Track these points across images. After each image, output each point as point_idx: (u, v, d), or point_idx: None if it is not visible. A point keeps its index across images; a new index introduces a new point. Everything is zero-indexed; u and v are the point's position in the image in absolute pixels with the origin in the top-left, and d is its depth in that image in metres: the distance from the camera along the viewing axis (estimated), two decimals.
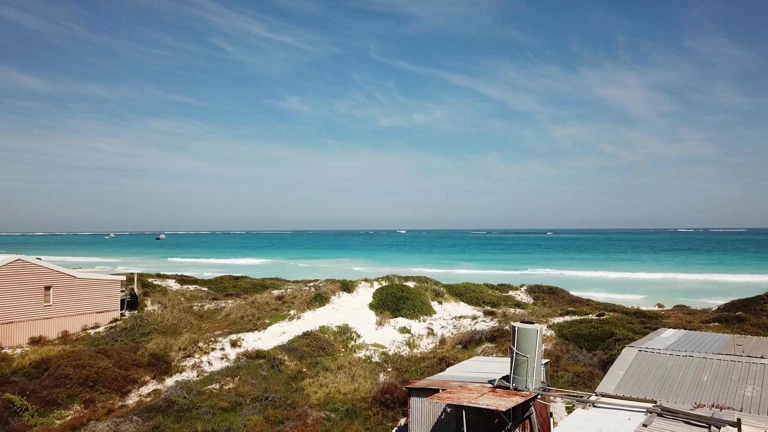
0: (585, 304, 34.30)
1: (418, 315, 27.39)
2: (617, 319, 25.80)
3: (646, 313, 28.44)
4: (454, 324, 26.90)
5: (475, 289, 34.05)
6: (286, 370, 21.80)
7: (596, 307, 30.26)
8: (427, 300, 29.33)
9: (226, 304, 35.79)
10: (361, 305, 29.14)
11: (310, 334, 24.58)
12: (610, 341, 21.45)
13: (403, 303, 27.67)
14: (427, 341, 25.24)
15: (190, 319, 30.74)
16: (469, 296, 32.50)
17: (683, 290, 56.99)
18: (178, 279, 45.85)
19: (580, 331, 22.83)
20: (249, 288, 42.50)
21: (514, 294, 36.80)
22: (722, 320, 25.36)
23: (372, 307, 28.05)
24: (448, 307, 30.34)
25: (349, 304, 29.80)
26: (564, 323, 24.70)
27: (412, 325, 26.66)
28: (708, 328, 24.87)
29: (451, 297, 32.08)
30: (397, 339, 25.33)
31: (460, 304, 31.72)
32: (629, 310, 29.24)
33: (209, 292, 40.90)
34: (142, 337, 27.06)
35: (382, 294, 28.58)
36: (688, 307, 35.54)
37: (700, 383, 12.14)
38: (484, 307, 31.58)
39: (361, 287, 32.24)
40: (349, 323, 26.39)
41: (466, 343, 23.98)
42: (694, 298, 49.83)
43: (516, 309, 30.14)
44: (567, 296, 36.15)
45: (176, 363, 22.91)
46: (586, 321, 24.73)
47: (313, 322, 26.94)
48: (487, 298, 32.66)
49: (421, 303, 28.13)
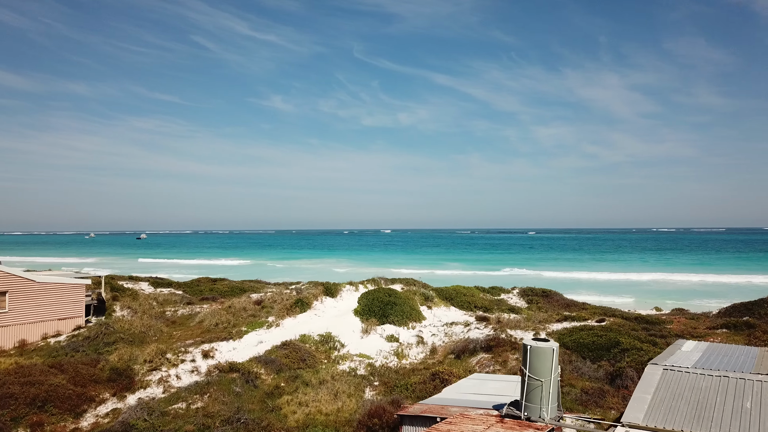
0: (581, 308, 32.68)
1: (406, 321, 25.47)
2: (619, 326, 24.12)
3: (648, 319, 26.83)
4: (445, 331, 25.02)
5: (465, 292, 32.21)
6: (262, 385, 19.70)
7: (594, 311, 28.61)
8: (415, 305, 27.42)
9: (201, 309, 33.56)
10: (345, 311, 27.12)
11: (290, 344, 22.52)
12: (616, 351, 19.72)
13: (390, 309, 25.72)
14: (416, 350, 23.32)
15: (161, 327, 28.45)
16: (459, 300, 30.65)
17: (674, 291, 55.86)
18: (152, 282, 43.42)
19: (583, 340, 21.07)
20: (226, 291, 40.25)
21: (506, 297, 35.04)
22: (730, 327, 23.81)
23: (357, 314, 26.06)
24: (438, 313, 28.45)
25: (332, 309, 27.77)
26: (564, 330, 22.94)
27: (401, 332, 24.73)
28: (716, 335, 23.31)
29: (441, 301, 30.20)
30: (384, 348, 23.37)
31: (451, 308, 29.85)
32: (629, 315, 27.62)
33: (184, 295, 38.56)
34: (106, 347, 24.76)
35: (367, 299, 26.60)
36: (687, 311, 34.10)
37: (744, 411, 10.37)
38: (476, 312, 29.75)
39: (346, 291, 30.21)
40: (332, 331, 24.37)
41: (459, 353, 22.11)
42: (686, 299, 48.63)
43: (510, 314, 28.34)
44: (561, 300, 34.50)
45: (140, 377, 20.70)
46: (587, 328, 23.00)
47: (293, 330, 24.88)
48: (479, 303, 30.86)
49: (409, 308, 26.21)
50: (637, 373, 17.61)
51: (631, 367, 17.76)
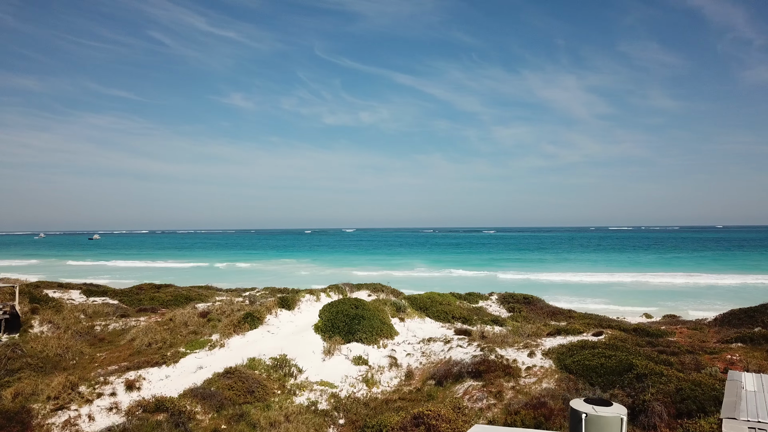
0: (568, 317, 29.52)
1: (376, 338, 21.64)
2: (621, 340, 20.91)
3: (648, 330, 23.74)
4: (422, 350, 21.30)
5: (441, 300, 28.60)
6: (197, 429, 15.55)
7: (587, 322, 25.40)
8: (386, 318, 23.62)
9: (137, 323, 28.98)
10: (304, 327, 23.10)
11: (235, 372, 18.37)
12: (631, 377, 16.43)
13: (357, 323, 21.85)
14: (389, 375, 19.52)
15: (82, 347, 23.82)
16: (435, 310, 27.01)
17: (649, 292, 53.73)
18: (85, 289, 38.35)
19: (588, 362, 17.69)
20: (169, 300, 35.59)
21: (485, 305, 31.62)
22: (745, 340, 20.87)
23: (318, 330, 22.08)
24: (412, 326, 24.72)
25: (288, 325, 23.69)
26: (561, 348, 19.52)
27: (370, 352, 20.88)
28: (731, 350, 20.32)
29: (414, 312, 26.50)
30: (350, 373, 19.48)
31: (426, 320, 26.17)
32: (626, 326, 24.51)
33: (119, 306, 33.76)
34: (7, 376, 20.07)
35: (330, 312, 22.66)
36: (679, 317, 31.40)
37: None
38: (454, 323, 26.15)
39: (305, 302, 26.15)
40: (288, 353, 20.33)
41: (440, 379, 18.42)
42: (665, 301, 46.34)
43: (494, 327, 24.85)
44: (545, 307, 31.30)
45: (40, 420, 16.23)
46: (588, 345, 19.64)
47: (241, 351, 20.71)
48: (457, 312, 27.28)
49: (379, 322, 22.40)
50: (666, 408, 14.33)
51: (658, 400, 14.40)
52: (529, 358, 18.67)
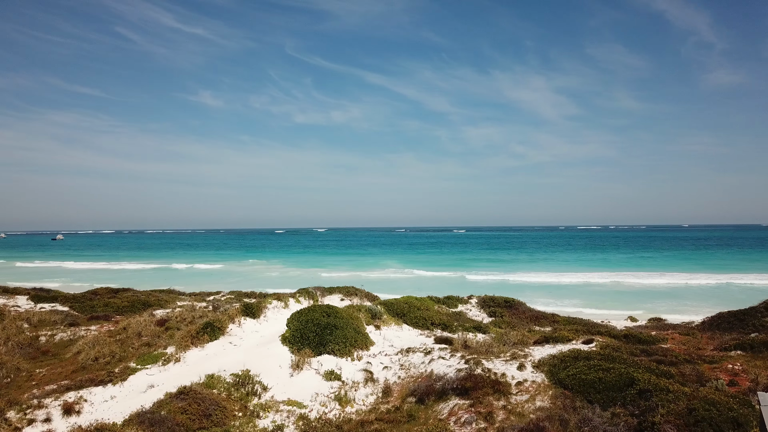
0: (552, 321, 28.05)
1: (350, 350, 19.69)
2: (614, 349, 19.41)
3: (639, 337, 22.35)
4: (400, 362, 19.44)
5: (419, 305, 26.77)
6: None
7: (576, 328, 23.90)
8: (361, 326, 21.69)
9: (87, 332, 26.47)
10: (270, 338, 21.00)
11: (190, 392, 16.19)
12: (633, 393, 14.87)
13: (329, 333, 19.86)
14: (365, 392, 17.60)
15: (19, 362, 21.23)
16: (413, 316, 25.18)
17: (625, 293, 52.99)
18: (33, 295, 35.45)
19: (585, 376, 16.08)
20: (126, 307, 32.96)
21: (464, 309, 29.93)
22: (745, 347, 19.57)
23: (286, 341, 20.02)
24: (388, 334, 22.84)
25: (253, 335, 21.54)
26: (553, 360, 17.88)
27: (343, 366, 18.91)
28: (731, 359, 19.00)
29: (390, 318, 24.62)
30: (321, 390, 17.48)
31: (404, 327, 24.32)
32: (616, 333, 23.08)
33: (69, 313, 31.04)
34: None
35: (300, 321, 20.61)
36: (664, 320, 30.24)
37: None
38: (434, 331, 24.38)
39: (272, 310, 24.00)
40: (252, 368, 18.23)
41: (422, 396, 16.58)
42: (643, 303, 45.51)
43: (476, 334, 23.15)
44: (527, 311, 29.78)
45: None
46: (581, 355, 18.04)
47: (199, 366, 18.53)
48: (436, 318, 25.50)
49: (353, 332, 20.46)
50: (678, 430, 12.77)
51: (669, 422, 12.82)
52: (519, 372, 16.97)
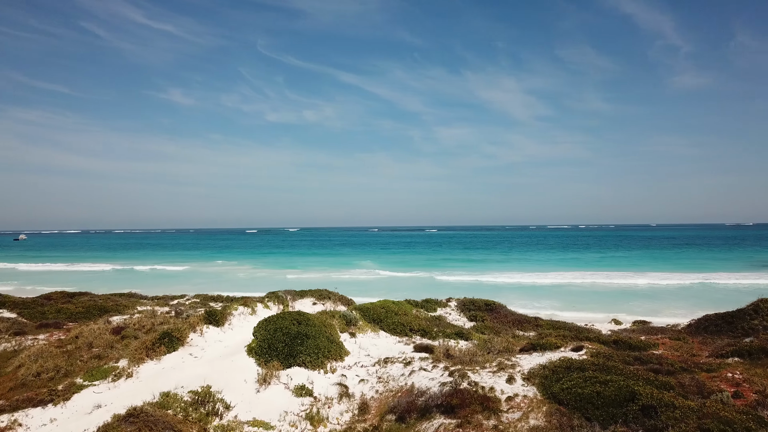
0: (535, 325, 26.81)
1: (323, 362, 18.00)
2: (606, 357, 18.16)
3: (629, 342, 21.19)
4: (378, 374, 17.82)
5: (397, 310, 25.18)
6: None
7: (563, 334, 22.62)
8: (335, 334, 20.01)
9: (35, 342, 24.25)
10: (235, 348, 19.15)
11: (141, 414, 14.28)
12: (635, 409, 13.55)
13: (300, 343, 18.14)
14: (339, 409, 15.94)
15: None
16: (391, 322, 23.57)
17: (604, 293, 52.39)
18: None
19: (581, 389, 14.71)
20: (80, 313, 30.61)
21: (444, 313, 28.48)
22: (742, 354, 18.51)
23: (252, 352, 18.21)
24: (364, 342, 21.21)
25: (216, 346, 19.65)
26: (544, 371, 16.50)
27: (315, 379, 17.21)
28: (729, 367, 17.92)
29: (366, 324, 22.97)
30: (291, 408, 15.76)
31: (380, 334, 22.70)
32: (605, 338, 21.88)
33: (16, 320, 28.61)
34: None
35: (268, 329, 18.84)
36: (649, 323, 29.29)
37: None
38: (413, 337, 22.85)
39: (238, 317, 22.11)
40: (214, 383, 16.40)
41: (402, 413, 15.00)
42: (620, 303, 44.84)
43: (458, 341, 21.68)
44: (509, 314, 28.49)
45: None
46: (574, 365, 16.70)
47: (154, 382, 16.60)
48: (415, 324, 23.96)
49: (326, 341, 18.77)
50: None
51: None
52: (508, 385, 15.52)
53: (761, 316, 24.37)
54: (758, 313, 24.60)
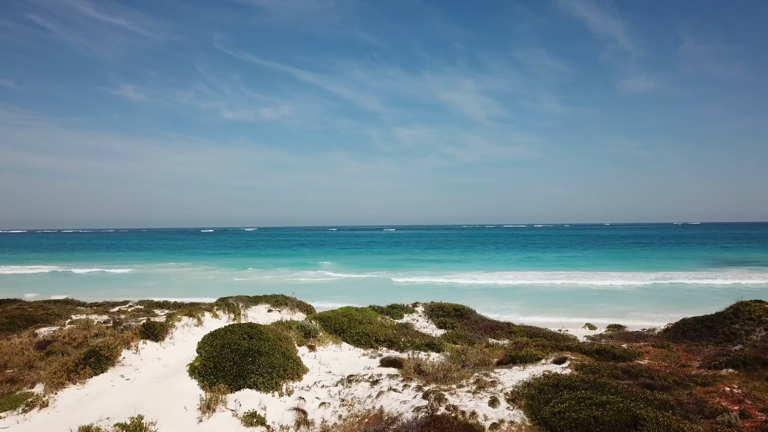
0: (508, 332, 25.10)
1: (277, 382, 15.67)
2: (593, 370, 16.50)
3: (613, 352, 19.65)
4: (341, 395, 15.61)
5: (361, 318, 22.99)
6: None
7: (543, 343, 20.88)
8: (291, 348, 17.69)
9: None
10: (176, 368, 16.59)
11: None
12: None
13: (251, 362, 15.75)
14: None
15: None
16: (354, 332, 21.37)
17: (567, 294, 51.53)
18: None
19: (575, 413, 12.89)
20: (3, 324, 27.17)
21: (411, 320, 26.47)
22: (737, 365, 17.16)
23: (195, 373, 15.72)
24: (325, 356, 18.96)
25: (154, 365, 17.02)
26: (529, 390, 14.64)
27: (268, 404, 14.86)
28: (725, 380, 16.52)
29: (327, 336, 20.72)
30: None
31: (343, 347, 20.47)
32: (586, 348, 20.28)
33: None
34: None
35: (214, 345, 16.36)
36: (623, 327, 28.03)
37: None
38: (379, 349, 20.71)
39: (180, 330, 19.48)
40: (148, 413, 13.85)
41: None
42: (585, 304, 43.91)
43: (429, 353, 19.67)
44: (479, 320, 26.72)
45: None
46: (562, 382, 14.91)
47: (73, 414, 13.92)
48: (381, 333, 21.82)
49: (282, 357, 16.44)
50: None
51: None
52: (492, 409, 13.57)
53: (742, 320, 23.34)
54: (738, 317, 23.58)
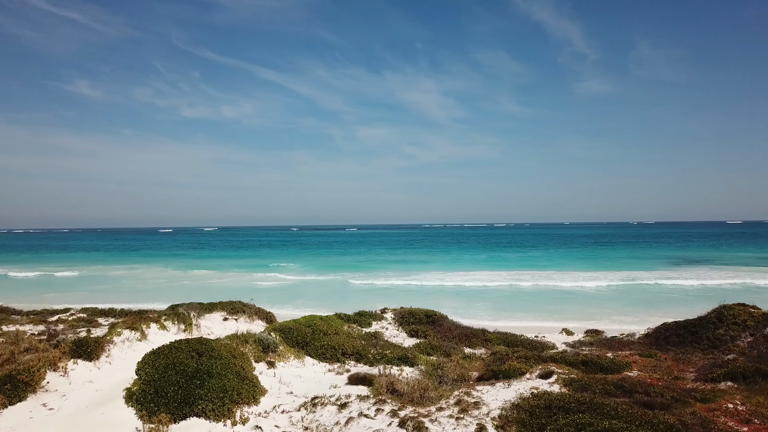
0: (483, 339, 23.50)
1: (230, 409, 13.52)
2: (584, 386, 14.97)
3: (600, 364, 18.22)
4: (304, 422, 13.59)
5: (326, 328, 20.95)
6: None
7: (525, 354, 19.27)
8: (247, 366, 15.57)
9: None
10: (110, 394, 14.24)
11: None
12: None
13: (200, 384, 13.55)
14: None
15: None
16: (319, 345, 19.33)
17: (536, 295, 50.63)
18: None
19: None
20: None
21: (380, 328, 24.58)
22: (736, 377, 15.89)
23: (133, 400, 13.43)
24: (286, 374, 16.88)
25: (84, 390, 14.61)
26: (518, 412, 12.95)
27: None
28: (725, 395, 15.20)
29: (289, 350, 18.63)
30: None
31: (306, 361, 18.42)
32: (571, 359, 18.79)
33: None
34: None
35: (156, 366, 14.09)
36: (602, 333, 26.84)
37: None
38: (346, 363, 18.73)
39: (120, 347, 17.05)
40: None
41: None
42: (555, 306, 42.98)
43: (403, 368, 17.83)
44: (453, 326, 25.06)
45: None
46: (554, 403, 13.26)
47: None
48: (348, 345, 19.84)
49: (236, 379, 14.30)
50: None
51: None
52: None
53: (726, 325, 22.34)
54: (722, 322, 22.58)
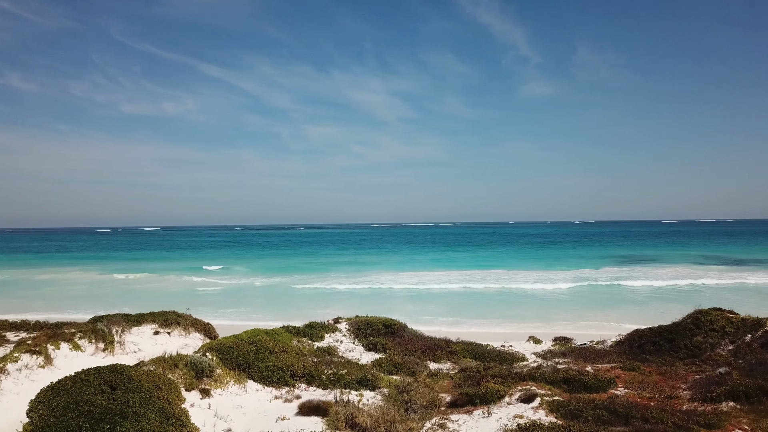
0: (448, 351, 21.36)
1: None
2: (574, 412, 12.95)
3: (583, 381, 16.32)
4: None
5: (272, 345, 18.18)
6: None
7: (501, 373, 17.12)
8: (175, 399, 12.73)
9: None
10: None
11: None
12: None
13: (110, 429, 10.64)
14: None
15: None
16: (264, 366, 16.58)
17: (492, 297, 49.19)
18: None
19: None
20: None
21: (333, 341, 21.97)
22: (738, 397, 14.24)
23: None
24: (223, 404, 14.10)
25: None
26: None
27: None
28: (729, 417, 13.56)
29: (228, 373, 15.82)
30: None
31: (249, 386, 15.67)
32: (551, 377, 16.80)
33: None
34: None
35: (54, 406, 11.06)
36: (571, 341, 25.22)
37: None
38: (296, 387, 16.07)
39: (16, 376, 13.76)
40: None
41: None
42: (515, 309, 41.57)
43: (362, 392, 15.35)
44: (414, 338, 22.75)
45: None
46: None
47: None
48: (298, 365, 17.16)
49: (158, 418, 11.47)
50: None
51: None
52: None
53: (704, 332, 21.03)
54: (700, 328, 21.27)
